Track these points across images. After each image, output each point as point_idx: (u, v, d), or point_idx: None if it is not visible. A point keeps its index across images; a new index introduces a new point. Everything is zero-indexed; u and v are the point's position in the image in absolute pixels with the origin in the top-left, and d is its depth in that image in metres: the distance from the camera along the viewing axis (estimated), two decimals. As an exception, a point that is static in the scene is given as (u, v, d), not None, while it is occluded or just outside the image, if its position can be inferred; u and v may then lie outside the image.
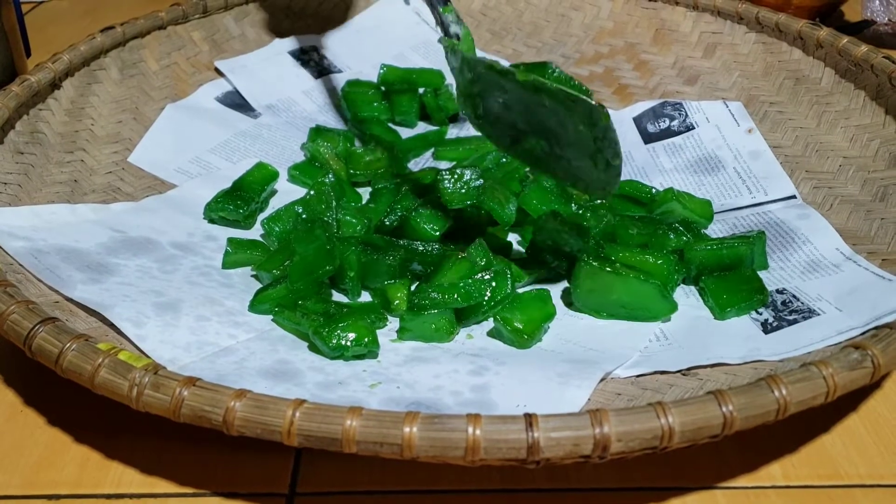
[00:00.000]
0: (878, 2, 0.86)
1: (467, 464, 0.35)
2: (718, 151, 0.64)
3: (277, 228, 0.56)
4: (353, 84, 0.72)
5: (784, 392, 0.36)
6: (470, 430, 0.34)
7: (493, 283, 0.49)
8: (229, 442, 0.36)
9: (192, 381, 0.36)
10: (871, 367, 0.38)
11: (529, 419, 0.34)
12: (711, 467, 0.41)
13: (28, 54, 0.81)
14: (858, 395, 0.45)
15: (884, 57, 0.62)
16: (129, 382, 0.36)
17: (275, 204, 0.61)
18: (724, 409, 0.35)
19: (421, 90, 0.72)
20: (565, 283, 0.53)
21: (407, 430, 0.34)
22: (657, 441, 0.34)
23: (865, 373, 0.38)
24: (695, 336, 0.48)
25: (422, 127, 0.72)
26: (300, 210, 0.56)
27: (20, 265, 0.48)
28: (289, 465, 0.42)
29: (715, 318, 0.50)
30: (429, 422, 0.34)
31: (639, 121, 0.69)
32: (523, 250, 0.56)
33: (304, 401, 0.35)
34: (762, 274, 0.52)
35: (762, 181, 0.61)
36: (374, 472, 0.41)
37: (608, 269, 0.49)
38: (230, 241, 0.54)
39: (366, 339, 0.46)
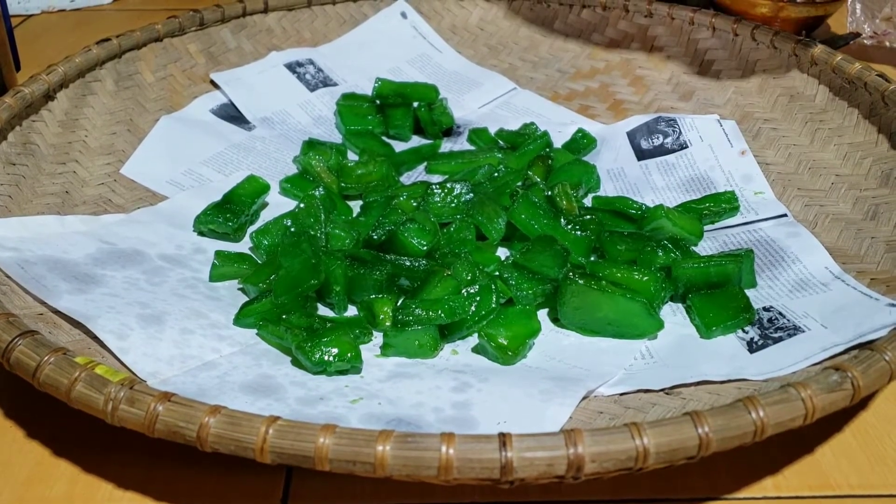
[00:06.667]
0: (861, 15, 0.86)
1: (441, 482, 0.34)
2: (711, 173, 0.64)
3: (266, 241, 0.56)
4: (348, 97, 0.72)
5: (761, 414, 0.36)
6: (443, 449, 0.34)
7: (478, 299, 0.49)
8: (221, 456, 0.36)
9: (167, 397, 0.36)
10: (850, 390, 0.37)
11: (503, 439, 0.34)
12: (703, 479, 0.41)
13: (18, 68, 0.81)
14: (848, 406, 0.45)
15: (877, 75, 0.62)
16: (105, 397, 0.36)
17: (266, 217, 0.61)
18: (699, 430, 0.35)
19: (415, 104, 0.72)
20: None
21: (380, 448, 0.34)
22: (632, 462, 0.34)
23: (845, 395, 0.37)
24: (680, 354, 0.48)
25: (416, 141, 0.73)
26: (289, 223, 0.56)
27: (6, 276, 0.48)
28: (280, 478, 0.41)
29: (701, 337, 0.50)
30: (402, 440, 0.34)
31: (632, 136, 0.69)
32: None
33: (277, 418, 0.35)
34: (750, 292, 0.52)
35: (753, 204, 0.60)
36: (367, 485, 0.41)
37: (594, 286, 0.49)
38: (218, 253, 0.54)
39: (349, 355, 0.46)
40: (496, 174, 0.62)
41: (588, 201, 0.62)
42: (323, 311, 0.52)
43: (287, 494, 0.41)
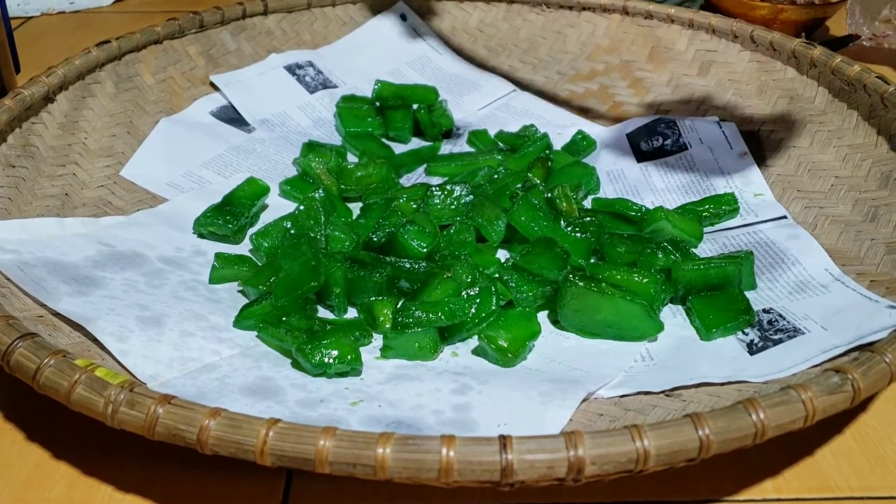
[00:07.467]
0: (860, 17, 0.87)
1: (442, 485, 0.34)
2: (710, 174, 0.64)
3: (266, 244, 0.56)
4: (348, 99, 0.72)
5: (762, 416, 0.35)
6: (444, 451, 0.34)
7: (478, 301, 0.49)
8: (221, 458, 0.36)
9: (167, 399, 0.36)
10: (850, 392, 0.37)
11: (504, 441, 0.34)
12: (704, 481, 0.41)
13: (17, 70, 0.81)
14: (848, 408, 0.45)
15: (876, 77, 0.62)
16: (105, 399, 0.36)
17: (266, 219, 0.61)
18: (700, 432, 0.35)
19: (415, 106, 0.72)
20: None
21: (380, 451, 0.34)
22: (632, 464, 0.34)
23: (845, 397, 0.37)
24: (680, 356, 0.48)
25: (415, 143, 0.73)
26: (289, 225, 0.56)
27: (6, 278, 0.48)
28: (281, 481, 0.41)
29: (701, 339, 0.49)
30: (402, 443, 0.34)
31: (632, 138, 0.69)
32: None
33: (278, 420, 0.35)
34: (750, 294, 0.52)
35: (753, 206, 0.60)
36: (367, 487, 0.41)
37: (594, 288, 0.49)
38: (217, 256, 0.54)
39: (349, 357, 0.46)
40: (496, 176, 0.62)
41: (588, 203, 0.62)
42: (323, 313, 0.52)
43: (287, 497, 0.41)
